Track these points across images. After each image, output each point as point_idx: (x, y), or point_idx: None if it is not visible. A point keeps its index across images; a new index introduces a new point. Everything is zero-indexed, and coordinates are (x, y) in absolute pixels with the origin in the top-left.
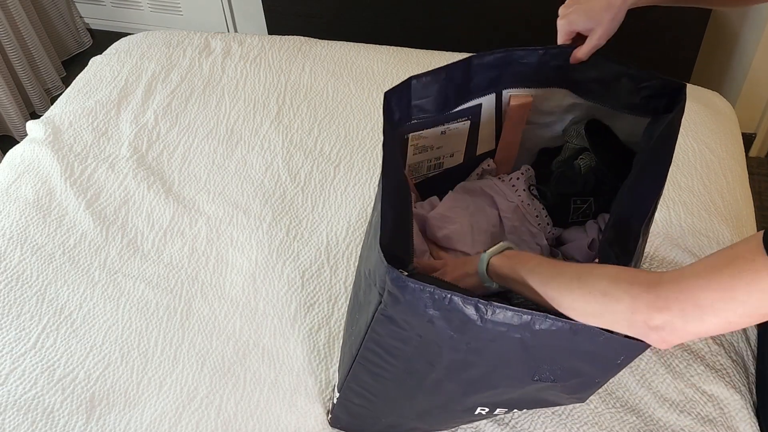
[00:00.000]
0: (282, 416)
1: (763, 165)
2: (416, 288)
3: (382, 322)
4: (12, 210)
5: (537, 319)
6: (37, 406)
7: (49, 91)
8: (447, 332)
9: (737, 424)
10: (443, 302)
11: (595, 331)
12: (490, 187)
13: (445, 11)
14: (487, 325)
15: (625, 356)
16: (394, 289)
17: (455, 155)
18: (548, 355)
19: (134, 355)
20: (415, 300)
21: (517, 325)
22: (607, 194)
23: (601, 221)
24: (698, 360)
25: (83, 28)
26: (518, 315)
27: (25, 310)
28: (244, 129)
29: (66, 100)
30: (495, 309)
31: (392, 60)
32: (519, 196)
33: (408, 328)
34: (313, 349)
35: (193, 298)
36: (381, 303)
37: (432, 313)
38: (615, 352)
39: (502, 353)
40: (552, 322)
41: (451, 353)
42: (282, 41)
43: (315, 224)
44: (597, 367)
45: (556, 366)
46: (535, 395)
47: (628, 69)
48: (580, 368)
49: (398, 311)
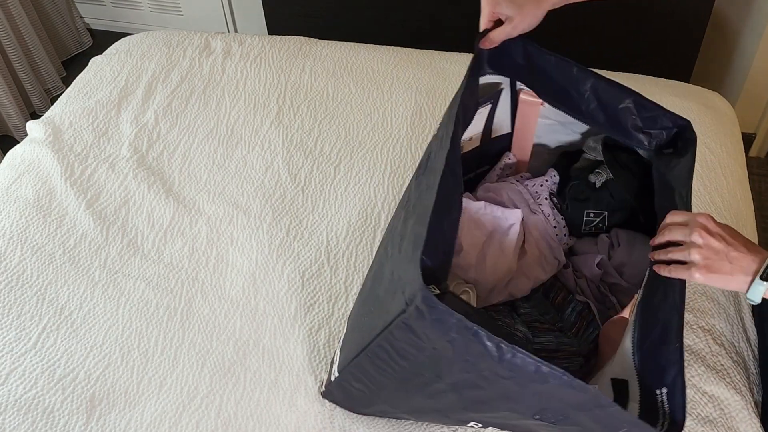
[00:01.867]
0: (282, 416)
1: (763, 165)
2: (444, 311)
3: (402, 329)
4: (12, 210)
5: (554, 374)
6: (37, 406)
7: (49, 91)
8: (463, 356)
9: (737, 424)
10: (468, 332)
11: (606, 401)
12: (515, 193)
13: (445, 11)
14: (504, 364)
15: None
16: (423, 306)
17: (473, 138)
18: (555, 404)
19: (134, 355)
20: (442, 321)
21: (533, 373)
22: (621, 211)
23: (614, 236)
24: (698, 360)
25: (83, 28)
26: (536, 365)
27: (25, 310)
28: (245, 129)
29: (66, 100)
30: (516, 353)
31: (392, 60)
32: (540, 206)
33: (426, 340)
34: (313, 349)
35: (193, 298)
36: (405, 313)
37: (454, 336)
38: (620, 423)
39: (511, 389)
40: (569, 380)
41: (462, 373)
42: (282, 41)
43: (315, 224)
44: (598, 427)
45: (560, 413)
46: (532, 427)
47: (632, 96)
48: (583, 422)
49: (421, 326)
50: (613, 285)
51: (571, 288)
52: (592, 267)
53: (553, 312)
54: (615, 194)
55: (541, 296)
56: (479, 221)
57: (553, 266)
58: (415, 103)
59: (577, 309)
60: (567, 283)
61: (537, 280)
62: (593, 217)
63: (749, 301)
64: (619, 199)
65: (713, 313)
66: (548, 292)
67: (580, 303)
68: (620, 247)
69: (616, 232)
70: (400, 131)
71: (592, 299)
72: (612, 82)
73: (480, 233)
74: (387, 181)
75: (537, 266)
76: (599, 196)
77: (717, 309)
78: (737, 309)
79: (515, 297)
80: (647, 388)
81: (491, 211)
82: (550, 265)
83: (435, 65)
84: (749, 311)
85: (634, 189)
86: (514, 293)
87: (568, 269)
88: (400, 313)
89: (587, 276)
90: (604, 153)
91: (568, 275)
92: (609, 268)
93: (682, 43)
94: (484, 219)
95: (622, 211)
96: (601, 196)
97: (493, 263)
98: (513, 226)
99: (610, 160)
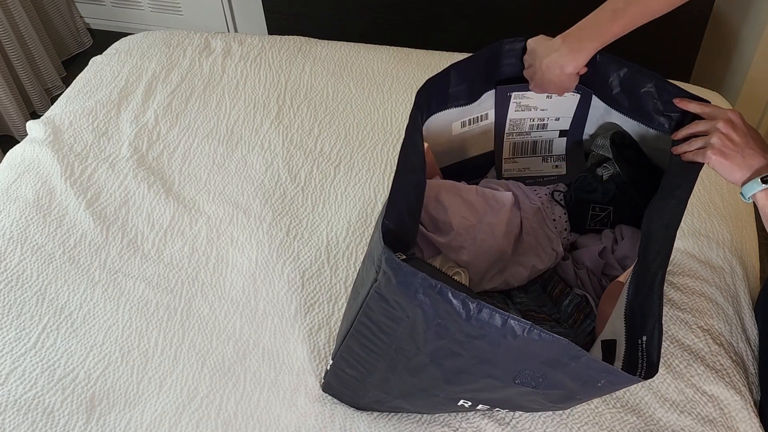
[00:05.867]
0: (282, 416)
1: None
2: (408, 271)
3: (376, 300)
4: (12, 210)
5: (521, 326)
6: (37, 406)
7: (49, 91)
8: (434, 319)
9: (737, 424)
10: (433, 290)
11: (577, 350)
12: (515, 185)
13: (445, 11)
14: (472, 321)
15: (606, 381)
16: (388, 269)
17: (561, 120)
18: (531, 362)
19: (134, 355)
20: (407, 283)
21: (501, 328)
22: (626, 205)
23: (618, 232)
24: (698, 360)
25: (83, 28)
26: (503, 318)
27: (25, 310)
28: (245, 129)
29: (66, 100)
30: (482, 308)
31: (392, 60)
32: (540, 198)
33: (398, 308)
34: (313, 349)
35: (193, 297)
36: (376, 281)
37: (422, 299)
38: (596, 373)
39: (485, 351)
40: (538, 333)
41: (437, 339)
42: (282, 41)
43: (315, 224)
44: (577, 384)
45: (538, 374)
46: (517, 399)
47: (654, 81)
48: (561, 381)
49: (390, 291)
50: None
51: (570, 281)
52: (594, 256)
53: (550, 304)
54: (620, 187)
55: (538, 288)
56: (471, 203)
57: (551, 257)
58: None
59: (574, 301)
60: (566, 276)
61: (533, 269)
62: (599, 211)
63: (741, 197)
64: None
65: (712, 313)
66: (546, 285)
67: (577, 296)
68: (624, 241)
69: (620, 227)
70: (400, 131)
71: (592, 292)
72: (634, 67)
73: (471, 216)
74: (387, 181)
75: (533, 255)
76: (606, 188)
77: (716, 309)
78: (736, 309)
79: (511, 285)
80: (632, 340)
81: (482, 194)
82: (547, 255)
83: (435, 65)
84: (749, 311)
85: (639, 184)
86: (509, 281)
87: (567, 261)
88: (372, 282)
89: (588, 267)
90: (612, 148)
91: (567, 267)
92: (611, 259)
93: (681, 43)
94: (475, 202)
95: (627, 205)
96: (607, 188)
97: (484, 245)
98: (503, 208)
99: (617, 155)
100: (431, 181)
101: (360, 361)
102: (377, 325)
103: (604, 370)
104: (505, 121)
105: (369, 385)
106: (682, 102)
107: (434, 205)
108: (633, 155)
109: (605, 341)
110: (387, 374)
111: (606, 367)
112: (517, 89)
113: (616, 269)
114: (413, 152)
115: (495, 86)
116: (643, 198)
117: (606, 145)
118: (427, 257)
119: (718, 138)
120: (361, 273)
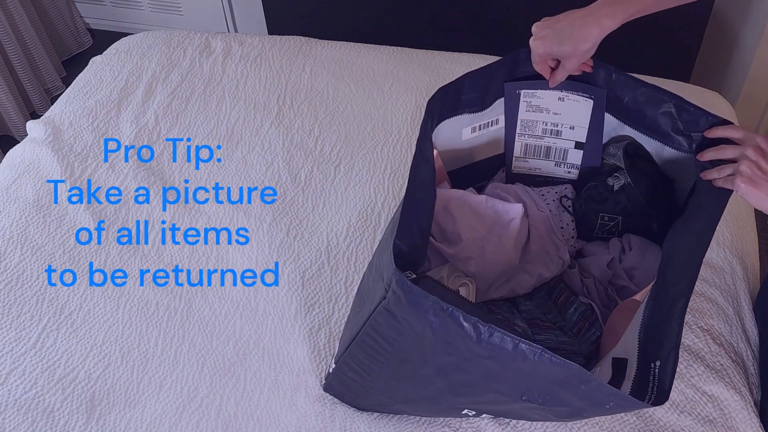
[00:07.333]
0: (282, 416)
1: None
2: (419, 294)
3: (384, 315)
4: (12, 210)
5: (532, 351)
6: (37, 406)
7: (49, 91)
8: (443, 339)
9: (737, 424)
10: (444, 312)
11: (587, 375)
12: (523, 192)
13: (445, 11)
14: (483, 344)
15: (615, 404)
16: (398, 290)
17: (576, 130)
18: (539, 381)
19: (134, 355)
20: (417, 304)
21: (512, 352)
22: (635, 216)
23: (626, 241)
24: (698, 360)
25: (83, 28)
26: (514, 342)
27: (25, 310)
28: (245, 129)
29: (66, 100)
30: (493, 332)
31: (392, 60)
32: (548, 205)
33: (406, 324)
34: (313, 349)
35: (193, 298)
36: (385, 299)
37: (432, 319)
38: (606, 397)
39: (494, 370)
40: (549, 357)
41: (445, 356)
42: (282, 41)
43: (315, 224)
44: (586, 404)
45: (546, 392)
46: (522, 412)
47: (674, 100)
48: (569, 400)
49: (400, 310)
50: (622, 288)
51: (576, 289)
52: (602, 266)
53: (555, 312)
54: (631, 199)
55: (544, 296)
56: (480, 214)
57: (558, 265)
58: (415, 103)
59: (579, 310)
60: (572, 284)
61: (540, 277)
62: (607, 220)
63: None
64: (635, 203)
65: (712, 313)
66: (551, 292)
67: (583, 304)
68: (632, 251)
69: (628, 237)
70: (400, 131)
71: (597, 301)
72: (652, 87)
73: (480, 226)
74: (387, 181)
75: (540, 263)
76: (616, 199)
77: (716, 310)
78: (736, 310)
79: (517, 293)
80: (644, 362)
81: (492, 205)
82: (553, 263)
83: (435, 65)
84: (748, 312)
85: (651, 196)
86: (515, 289)
87: (574, 269)
88: (381, 299)
89: (596, 276)
90: (624, 159)
91: (573, 275)
92: (619, 270)
93: (682, 43)
94: (484, 212)
95: (636, 216)
96: (618, 199)
97: (492, 257)
98: (513, 221)
99: (629, 166)
100: (441, 191)
101: (364, 368)
102: (383, 337)
103: (613, 393)
104: (516, 120)
105: (372, 390)
106: (711, 133)
107: (443, 215)
108: (646, 167)
109: (616, 359)
110: (391, 381)
111: (615, 391)
112: (525, 86)
113: (623, 279)
114: (423, 164)
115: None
116: (655, 210)
117: (618, 155)
118: (434, 266)
119: (747, 166)
120: (367, 281)
